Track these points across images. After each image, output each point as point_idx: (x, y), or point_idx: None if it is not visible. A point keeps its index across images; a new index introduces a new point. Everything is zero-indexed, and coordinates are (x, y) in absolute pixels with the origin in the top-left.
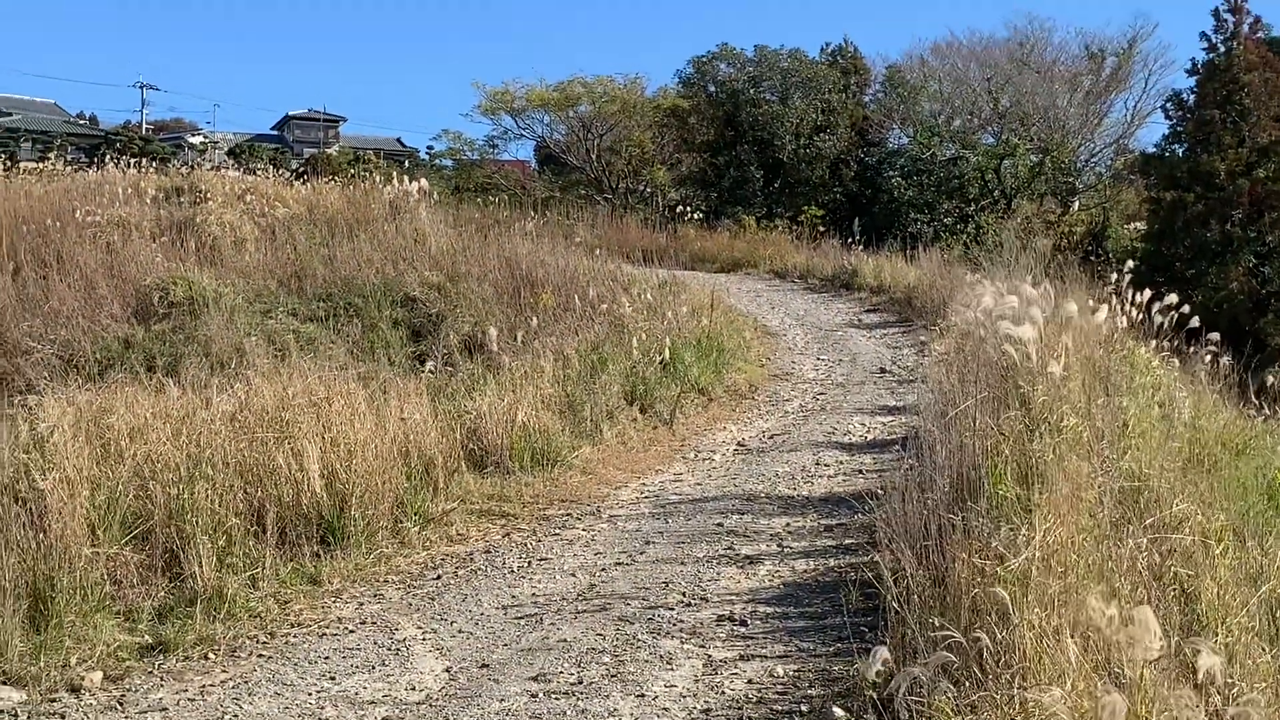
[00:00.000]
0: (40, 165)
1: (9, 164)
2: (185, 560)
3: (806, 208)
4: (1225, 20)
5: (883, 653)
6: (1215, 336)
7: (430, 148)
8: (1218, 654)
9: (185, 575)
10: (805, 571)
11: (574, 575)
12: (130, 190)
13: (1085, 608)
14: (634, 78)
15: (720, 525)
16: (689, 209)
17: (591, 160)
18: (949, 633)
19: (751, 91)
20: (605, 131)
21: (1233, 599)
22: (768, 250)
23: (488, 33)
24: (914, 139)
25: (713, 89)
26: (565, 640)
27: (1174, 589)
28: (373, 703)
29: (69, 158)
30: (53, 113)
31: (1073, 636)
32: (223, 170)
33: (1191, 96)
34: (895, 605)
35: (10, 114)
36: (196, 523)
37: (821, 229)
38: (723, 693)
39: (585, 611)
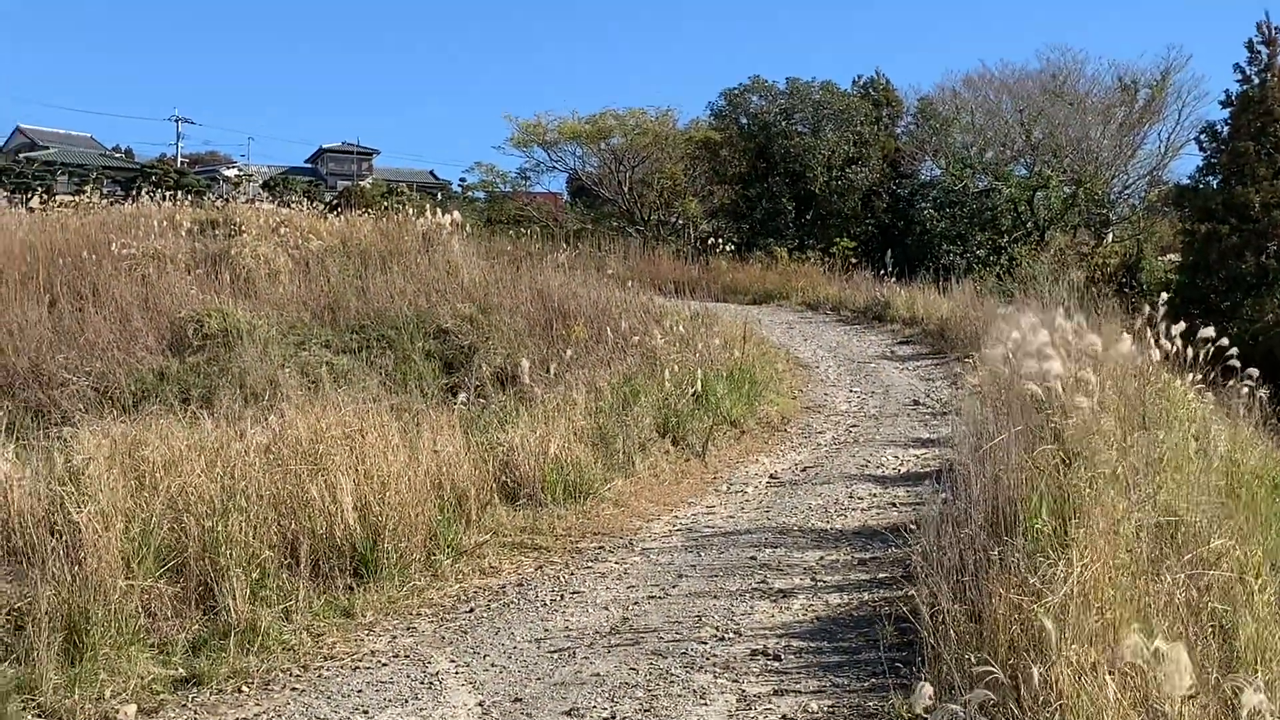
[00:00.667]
0: (76, 198)
1: (46, 197)
2: (219, 593)
3: (838, 239)
4: (1259, 52)
5: (927, 689)
6: (1254, 372)
7: (463, 180)
8: (1260, 692)
9: (219, 608)
10: (839, 605)
11: (607, 608)
12: (165, 223)
13: (1122, 645)
14: (666, 110)
15: (753, 558)
16: (721, 241)
17: (623, 192)
18: (987, 668)
19: (783, 123)
20: (637, 164)
21: (1272, 635)
22: (800, 282)
23: (520, 66)
24: (946, 171)
25: (744, 121)
26: (598, 674)
27: (1212, 625)
28: None
29: (105, 191)
30: (89, 146)
31: (1111, 673)
32: (257, 203)
33: (1225, 128)
34: (931, 640)
35: (47, 147)
36: (230, 555)
37: (854, 261)
38: None
39: (618, 645)
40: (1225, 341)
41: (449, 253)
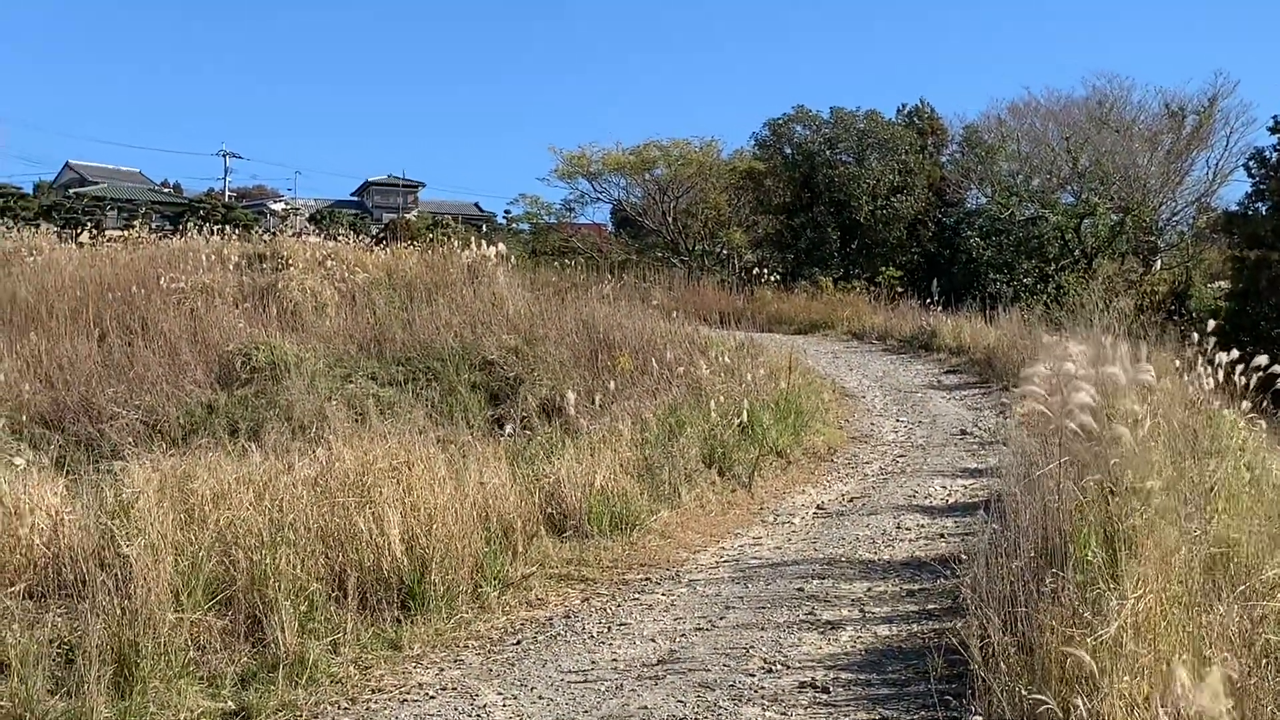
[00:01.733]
0: (125, 233)
1: (95, 232)
2: (267, 625)
3: (884, 268)
4: None
5: None
6: None
7: (507, 212)
8: None
9: (267, 640)
10: (888, 637)
11: (653, 640)
12: (214, 257)
13: (1173, 677)
14: (709, 140)
15: (800, 590)
16: (765, 271)
17: (667, 223)
18: (1039, 699)
19: (827, 153)
20: (681, 194)
21: None
22: (845, 311)
23: (564, 98)
24: (992, 199)
25: (788, 151)
26: (646, 707)
27: (1267, 657)
28: None
29: (154, 225)
30: (137, 181)
31: (1164, 705)
32: (304, 236)
33: (1274, 154)
34: (982, 673)
35: (96, 183)
36: (279, 588)
37: (899, 290)
38: None
39: (665, 677)
40: (1278, 369)
41: (494, 284)
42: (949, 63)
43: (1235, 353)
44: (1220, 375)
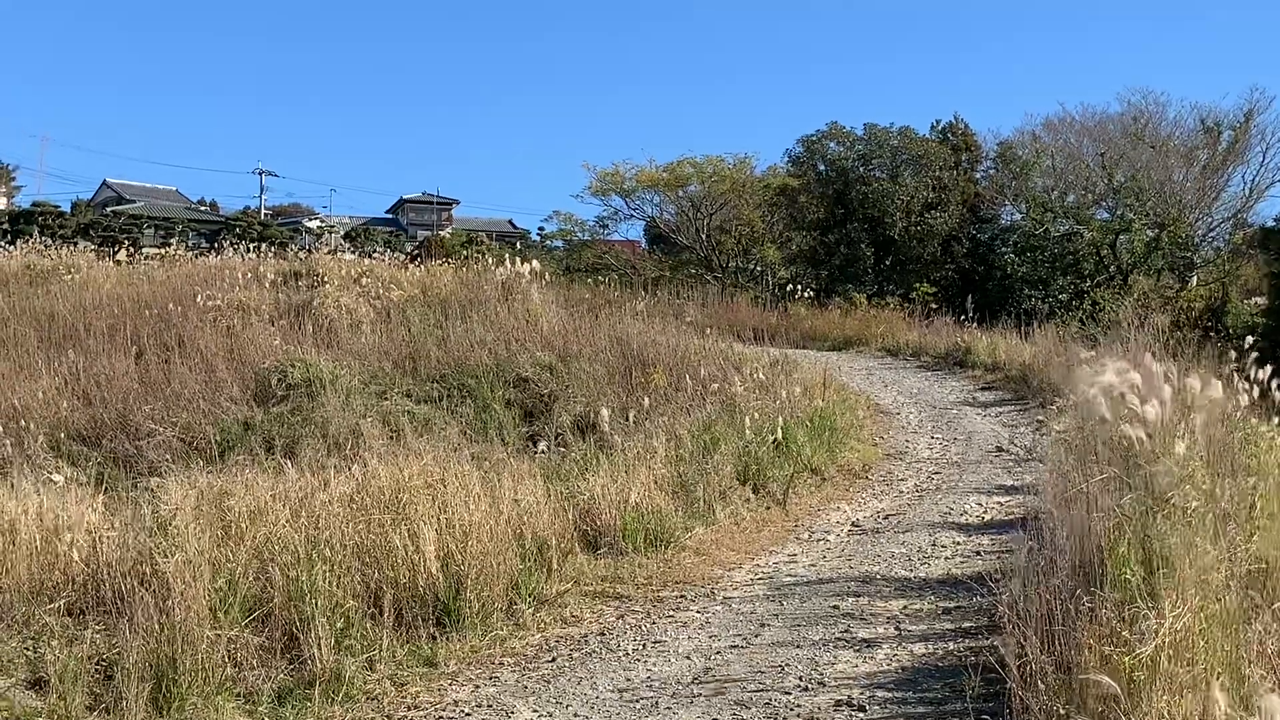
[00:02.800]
0: (162, 251)
1: (132, 250)
2: (304, 642)
3: (918, 285)
4: None
5: None
6: None
7: (541, 229)
8: None
9: (304, 657)
10: (924, 655)
11: (689, 658)
12: (249, 275)
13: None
14: (743, 157)
15: (836, 607)
16: (799, 287)
17: (701, 239)
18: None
19: (861, 169)
20: (715, 210)
21: None
22: (879, 328)
23: (598, 115)
24: (1027, 215)
25: (822, 167)
26: None
27: None
28: None
29: (190, 243)
30: (174, 199)
31: None
32: (339, 254)
33: None
34: (1019, 691)
35: (134, 201)
36: (315, 605)
37: (934, 306)
38: None
39: (701, 695)
40: None
41: (528, 301)
42: (983, 79)
43: (1272, 368)
44: (1257, 392)
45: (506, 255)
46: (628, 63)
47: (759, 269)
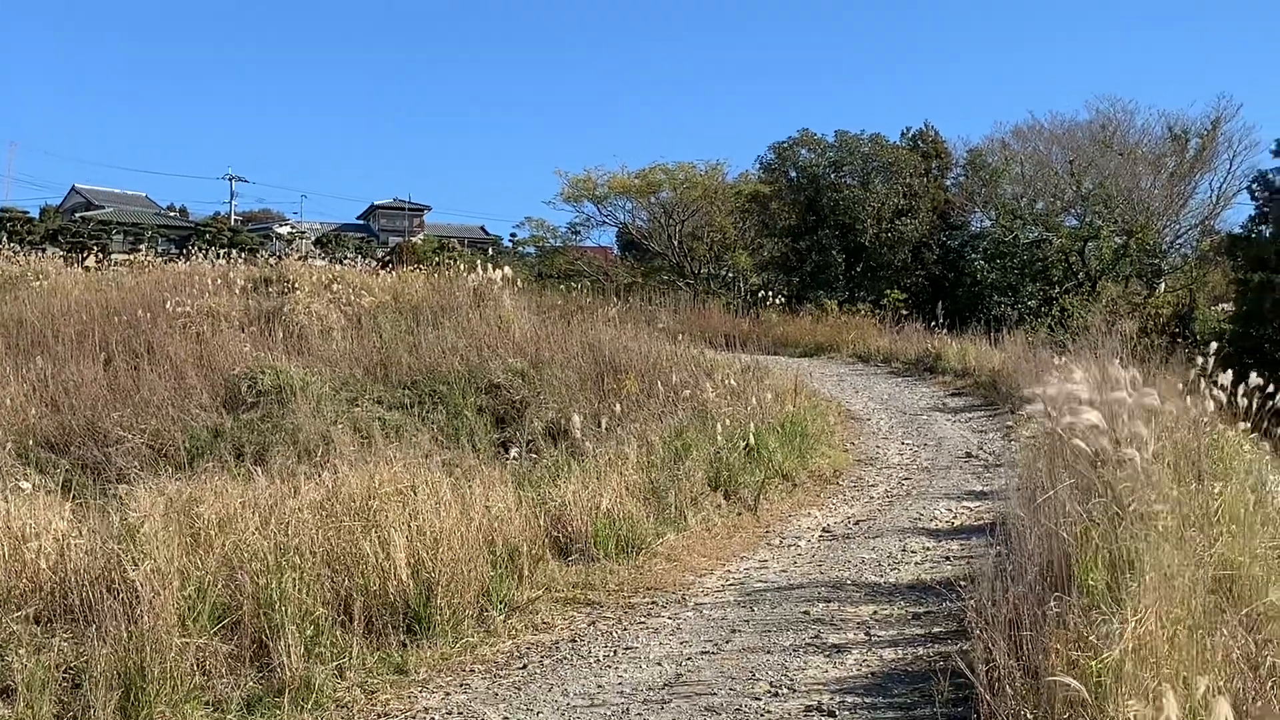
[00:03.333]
0: (131, 257)
1: (101, 256)
2: (273, 650)
3: (889, 291)
4: None
5: None
6: None
7: (513, 235)
8: None
9: (273, 665)
10: (893, 660)
11: (660, 664)
12: (219, 281)
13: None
14: (715, 164)
15: (806, 613)
16: (771, 293)
17: (673, 246)
18: None
19: (833, 176)
20: (687, 217)
21: None
22: (850, 334)
23: (570, 122)
24: (996, 222)
25: (794, 174)
26: None
27: (1272, 680)
28: None
29: (160, 249)
30: (144, 205)
31: None
32: (310, 260)
33: (1277, 177)
34: (987, 696)
35: (103, 207)
36: (285, 612)
37: (904, 312)
38: None
39: (671, 701)
40: (1272, 389)
41: (500, 308)
42: (953, 86)
43: (1238, 374)
44: (1224, 397)
45: (479, 261)
46: (601, 70)
47: (731, 275)
